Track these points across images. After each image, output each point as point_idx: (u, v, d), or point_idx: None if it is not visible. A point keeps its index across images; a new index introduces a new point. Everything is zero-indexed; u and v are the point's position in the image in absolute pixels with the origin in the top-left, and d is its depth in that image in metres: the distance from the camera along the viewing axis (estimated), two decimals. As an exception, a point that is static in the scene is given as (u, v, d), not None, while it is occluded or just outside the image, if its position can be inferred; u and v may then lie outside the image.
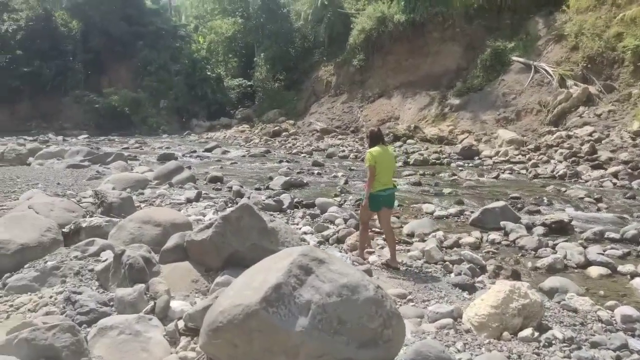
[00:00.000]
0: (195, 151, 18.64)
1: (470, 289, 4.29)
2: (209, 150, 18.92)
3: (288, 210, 7.92)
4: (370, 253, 5.53)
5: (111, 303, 3.51)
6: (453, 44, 28.60)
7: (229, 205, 8.01)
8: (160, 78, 36.25)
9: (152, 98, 35.52)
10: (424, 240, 6.24)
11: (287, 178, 10.38)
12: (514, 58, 24.10)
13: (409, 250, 5.74)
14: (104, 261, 4.13)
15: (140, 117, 34.00)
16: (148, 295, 3.55)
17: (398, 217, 7.61)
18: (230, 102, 39.55)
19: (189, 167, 11.79)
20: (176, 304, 3.44)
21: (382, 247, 5.82)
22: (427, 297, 4.00)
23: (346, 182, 10.97)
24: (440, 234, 6.46)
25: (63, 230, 4.83)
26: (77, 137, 26.14)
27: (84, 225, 4.90)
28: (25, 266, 4.03)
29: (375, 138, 5.46)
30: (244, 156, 17.59)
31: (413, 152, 17.99)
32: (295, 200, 8.43)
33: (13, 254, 4.05)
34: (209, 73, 38.39)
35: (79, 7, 37.61)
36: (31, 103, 36.06)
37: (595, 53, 20.34)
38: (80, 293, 3.52)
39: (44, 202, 5.38)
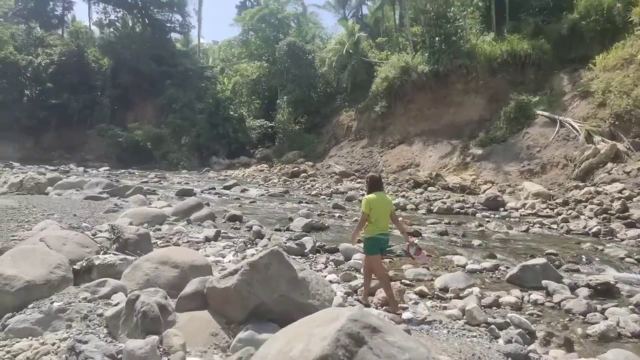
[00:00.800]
0: (214, 188, 18.46)
1: (524, 360, 3.77)
2: (228, 187, 18.74)
3: (310, 255, 7.49)
4: (404, 309, 5.04)
5: (120, 356, 3.09)
6: (476, 96, 28.67)
7: (248, 246, 7.63)
8: (184, 116, 36.91)
9: (175, 134, 36.04)
10: (459, 297, 5.72)
11: (308, 220, 9.98)
12: (539, 112, 23.93)
13: (445, 308, 5.22)
14: (115, 305, 3.75)
15: (162, 152, 34.37)
16: (161, 350, 3.13)
17: (428, 269, 7.11)
18: (250, 142, 40.01)
19: (208, 204, 11.51)
20: (192, 362, 3.00)
21: (416, 303, 5.32)
22: (477, 369, 3.49)
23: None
24: (476, 290, 5.94)
25: (74, 267, 4.48)
26: (98, 169, 26.32)
27: (96, 262, 4.55)
28: (30, 306, 3.66)
29: (374, 184, 5.53)
30: (262, 195, 17.32)
31: (435, 200, 17.52)
32: (317, 244, 8.01)
33: (17, 292, 3.70)
34: (231, 113, 39.02)
35: (110, 45, 39.08)
36: (56, 134, 36.89)
37: (623, 110, 20.00)
38: (86, 342, 3.11)
39: (57, 236, 5.07)
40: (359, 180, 26.10)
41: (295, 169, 30.00)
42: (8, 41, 34.98)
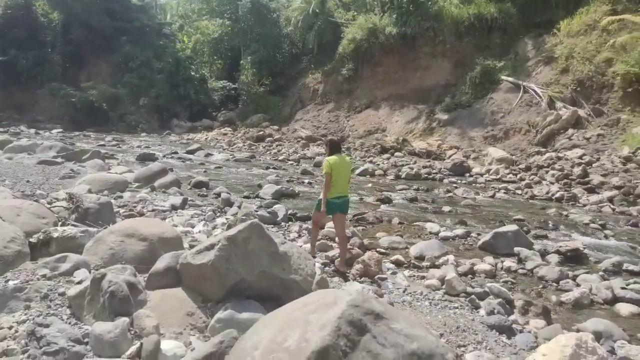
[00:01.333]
0: (176, 152, 17.81)
1: (508, 331, 3.74)
2: (192, 152, 18.12)
3: (283, 224, 7.29)
4: (383, 279, 4.95)
5: (86, 340, 2.82)
6: (443, 60, 28.57)
7: (218, 214, 7.34)
8: (142, 75, 35.16)
9: (132, 95, 34.38)
10: (436, 266, 5.70)
11: (278, 187, 9.73)
12: (503, 77, 24.13)
13: (423, 277, 5.17)
14: (78, 283, 3.43)
15: (119, 113, 32.82)
16: (132, 332, 2.88)
17: (401, 236, 7.07)
18: (213, 104, 38.71)
19: (172, 170, 11.03)
20: (168, 346, 2.77)
21: (394, 273, 5.25)
22: (462, 342, 3.43)
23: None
24: (451, 258, 5.93)
25: (30, 240, 4.09)
26: (50, 131, 24.89)
27: (55, 235, 4.17)
28: (-20, 286, 3.30)
29: (334, 147, 5.68)
30: (228, 160, 16.84)
31: (402, 166, 17.60)
32: (289, 212, 7.81)
33: (-35, 271, 3.31)
34: (192, 73, 37.50)
35: (60, -3, 36.29)
36: (4, 93, 34.44)
37: (585, 77, 20.44)
38: (47, 326, 2.82)
39: (10, 206, 4.62)
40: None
41: (261, 132, 29.37)
42: (-56, -10, 31.86)
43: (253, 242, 3.33)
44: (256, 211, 7.43)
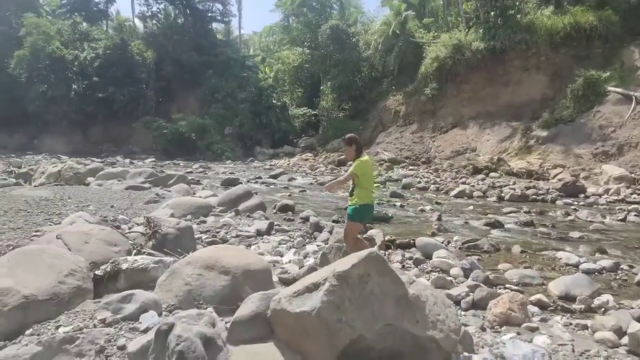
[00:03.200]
0: (260, 177, 17.52)
1: None
2: (275, 176, 17.76)
3: (381, 252, 6.22)
4: (532, 329, 3.68)
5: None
6: (537, 73, 26.44)
7: (307, 240, 6.45)
8: (227, 106, 36.36)
9: (218, 125, 35.59)
10: (592, 309, 4.31)
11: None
12: (611, 88, 21.68)
13: (586, 327, 3.82)
14: (143, 331, 2.63)
15: (206, 143, 33.98)
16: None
17: (531, 268, 5.69)
18: (294, 131, 39.09)
19: (256, 194, 10.47)
20: None
21: (544, 319, 3.96)
22: None
23: (439, 218, 9.13)
24: (610, 299, 4.49)
25: (95, 273, 3.42)
26: (144, 161, 26.05)
27: (124, 266, 3.48)
28: (27, 332, 2.62)
29: (361, 147, 5.18)
30: (311, 184, 16.19)
31: (502, 186, 15.86)
32: (386, 237, 6.73)
33: (11, 312, 2.66)
34: (274, 101, 38.15)
35: (153, 38, 39.00)
36: (104, 127, 37.25)
37: None
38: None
39: (78, 232, 4.06)
40: (410, 167, 24.56)
41: (342, 156, 28.73)
42: (55, 37, 35.35)
43: (373, 281, 2.34)
44: (350, 237, 6.45)
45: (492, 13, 27.28)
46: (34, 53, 34.07)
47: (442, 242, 6.76)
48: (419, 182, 16.70)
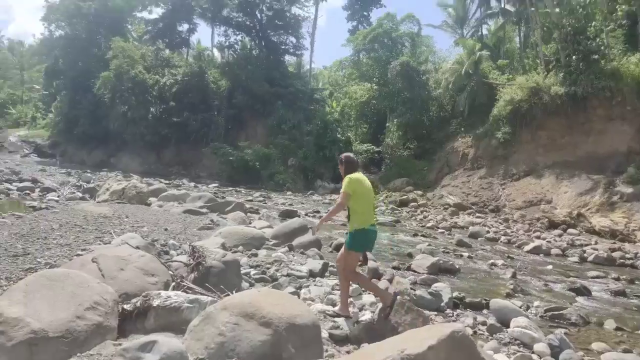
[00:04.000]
0: (318, 211, 17.08)
1: None
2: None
3: (448, 310, 5.44)
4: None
5: None
6: (622, 124, 24.53)
7: (364, 289, 5.79)
8: (292, 137, 36.75)
9: (282, 155, 35.94)
10: None
11: (435, 259, 7.89)
12: None
13: None
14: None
15: (269, 172, 34.34)
16: None
17: (631, 352, 4.67)
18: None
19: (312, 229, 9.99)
20: None
21: None
22: None
23: (514, 276, 8.13)
24: None
25: (124, 306, 3.01)
26: (207, 186, 26.59)
27: (155, 302, 3.06)
28: (27, 378, 2.20)
29: (351, 165, 4.73)
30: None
31: (582, 245, 14.30)
32: (454, 294, 5.93)
33: (15, 348, 2.27)
34: (339, 136, 38.12)
35: (229, 66, 40.68)
36: (175, 150, 38.84)
37: None
38: None
39: (116, 256, 3.72)
40: (477, 214, 23.14)
41: (404, 197, 27.81)
42: (138, 61, 37.78)
43: (456, 374, 1.71)
44: (412, 289, 5.72)
45: (574, 57, 25.90)
46: (118, 75, 36.53)
47: (520, 307, 5.84)
48: (488, 231, 15.47)
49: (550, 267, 9.86)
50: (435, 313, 5.20)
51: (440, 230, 15.51)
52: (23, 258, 4.46)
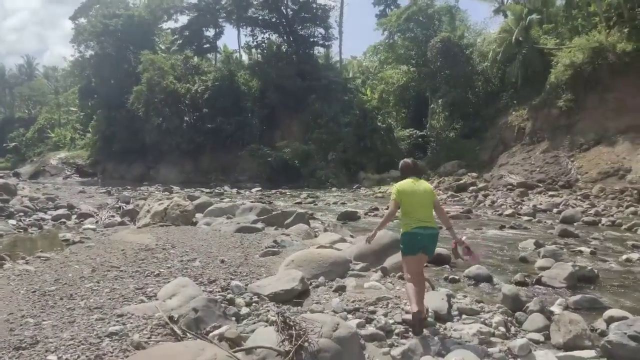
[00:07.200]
0: (377, 209, 15.34)
1: None
2: (394, 208, 15.43)
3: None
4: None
5: None
6: (700, 76, 21.50)
7: (512, 334, 4.05)
8: (330, 130, 35.12)
9: (321, 151, 34.41)
10: None
11: (573, 269, 5.98)
12: None
13: None
14: None
15: (309, 170, 32.89)
16: None
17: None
18: (399, 154, 36.48)
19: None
20: None
21: None
22: None
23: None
24: None
25: None
26: (250, 190, 25.31)
27: None
28: None
29: (406, 170, 4.60)
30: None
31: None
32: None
33: None
34: (379, 124, 36.16)
35: (258, 66, 39.42)
36: (212, 156, 38.00)
37: None
38: None
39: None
40: (549, 193, 20.79)
41: (460, 181, 25.72)
42: (169, 72, 37.06)
43: None
44: (602, 332, 3.93)
45: (638, 9, 23.10)
46: (150, 88, 35.90)
47: None
48: (586, 212, 13.29)
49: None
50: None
51: (523, 217, 13.41)
52: (29, 353, 2.97)
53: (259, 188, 27.25)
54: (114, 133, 40.13)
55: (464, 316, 4.35)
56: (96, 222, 10.07)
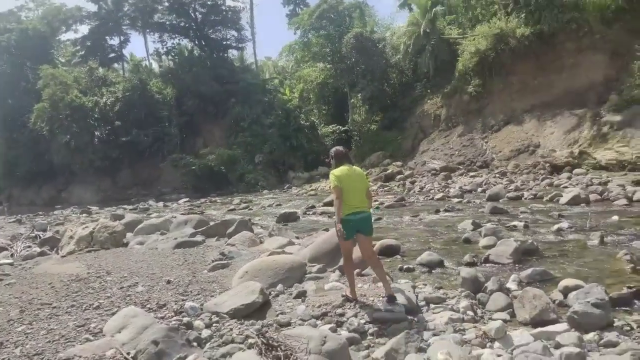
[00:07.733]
0: (314, 207, 15.27)
1: None
2: (329, 204, 15.44)
3: (617, 322, 3.78)
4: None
5: None
6: (594, 53, 24.03)
7: (482, 313, 4.09)
8: (254, 133, 34.59)
9: (247, 154, 33.81)
10: None
11: (517, 244, 6.24)
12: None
13: None
14: None
15: (237, 174, 32.17)
16: None
17: None
18: (325, 150, 36.85)
19: (327, 230, 8.16)
20: None
21: None
22: None
23: (602, 242, 6.66)
24: None
25: None
26: (177, 202, 24.17)
27: None
28: None
29: (340, 157, 4.80)
30: (378, 208, 13.77)
31: (604, 183, 13.25)
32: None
33: None
34: (302, 122, 36.19)
35: (171, 73, 37.84)
36: (131, 171, 35.96)
37: None
38: None
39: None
40: (470, 174, 21.98)
41: (387, 171, 26.42)
42: (72, 85, 34.38)
43: None
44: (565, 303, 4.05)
45: (533, -6, 25.09)
46: (53, 104, 33.07)
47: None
48: (506, 190, 14.13)
49: (615, 217, 8.49)
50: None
51: (451, 200, 14.00)
52: None
53: (186, 199, 26.15)
54: (16, 156, 36.75)
55: (431, 305, 4.33)
56: (11, 255, 8.97)
